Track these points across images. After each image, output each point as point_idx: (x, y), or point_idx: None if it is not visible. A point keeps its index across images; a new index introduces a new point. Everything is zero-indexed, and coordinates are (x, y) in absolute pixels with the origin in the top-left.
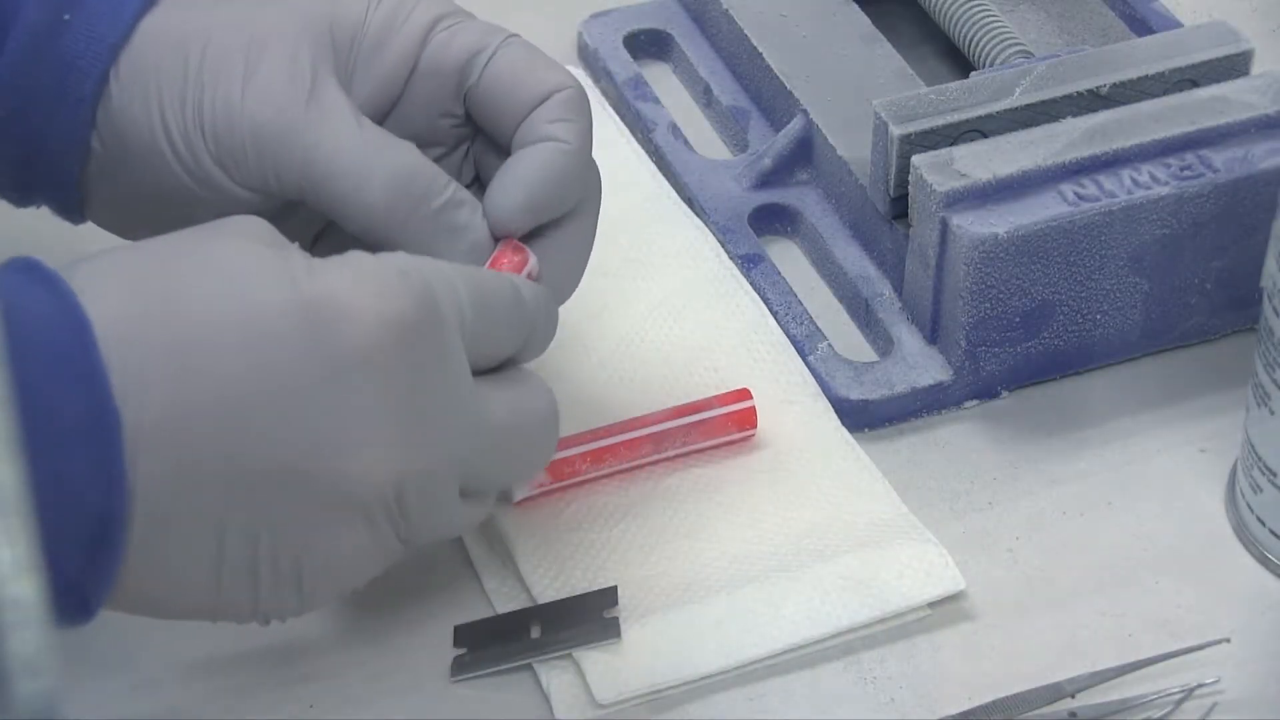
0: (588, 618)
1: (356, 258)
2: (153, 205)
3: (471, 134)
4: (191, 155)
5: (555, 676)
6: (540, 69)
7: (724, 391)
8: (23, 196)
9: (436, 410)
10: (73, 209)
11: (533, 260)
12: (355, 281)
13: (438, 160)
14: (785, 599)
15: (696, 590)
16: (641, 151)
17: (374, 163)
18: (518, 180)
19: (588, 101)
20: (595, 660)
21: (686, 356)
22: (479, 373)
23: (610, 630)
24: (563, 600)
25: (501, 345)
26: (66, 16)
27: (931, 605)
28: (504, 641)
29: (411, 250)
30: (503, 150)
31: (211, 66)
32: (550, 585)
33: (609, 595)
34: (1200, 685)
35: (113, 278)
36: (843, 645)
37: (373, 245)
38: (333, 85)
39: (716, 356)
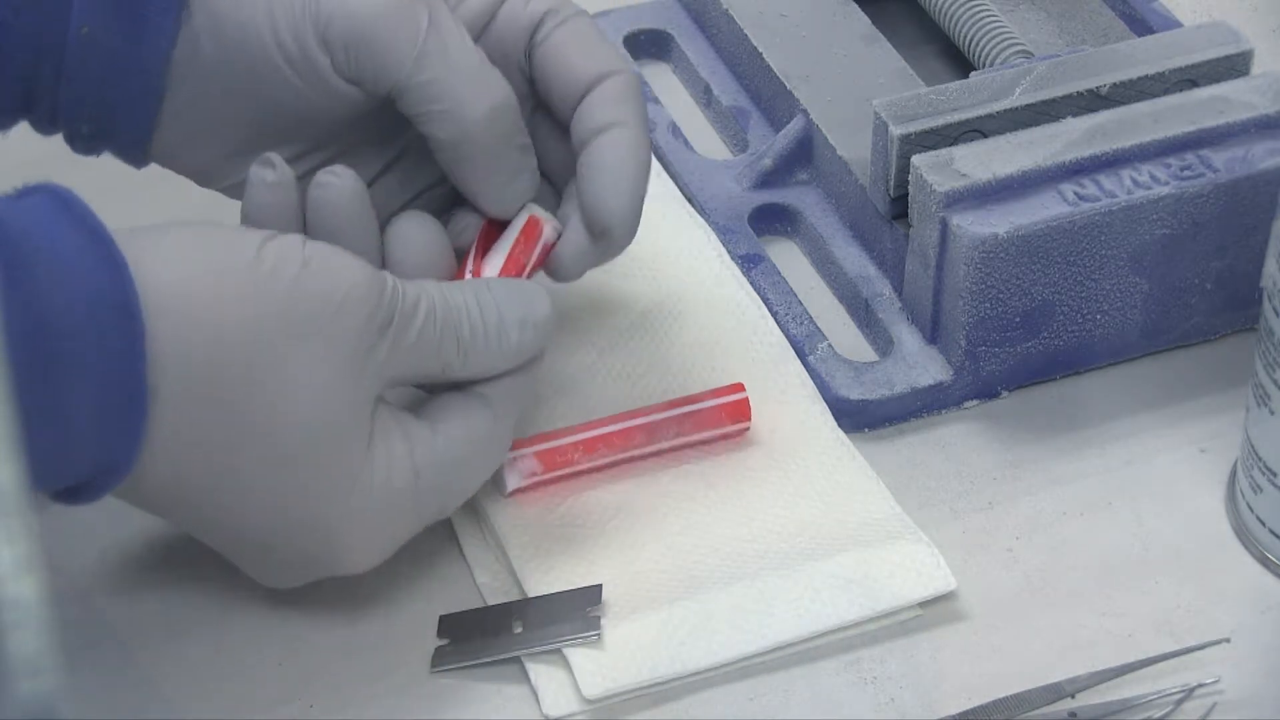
0: (570, 614)
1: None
2: (239, 110)
3: (533, 102)
4: (297, 44)
5: (542, 671)
6: (601, 49)
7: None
8: (93, 138)
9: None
10: (141, 145)
11: (552, 227)
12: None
13: None
14: (776, 597)
15: (687, 587)
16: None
17: (482, 86)
18: (619, 191)
19: (639, 86)
20: (583, 655)
21: (684, 355)
22: None
23: (591, 627)
24: (546, 596)
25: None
26: None
27: (923, 605)
28: (486, 635)
29: (478, 177)
30: (559, 120)
31: None
32: (542, 580)
33: (593, 593)
34: (1200, 685)
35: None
36: (842, 644)
37: (448, 161)
38: (446, 9)
39: (714, 356)
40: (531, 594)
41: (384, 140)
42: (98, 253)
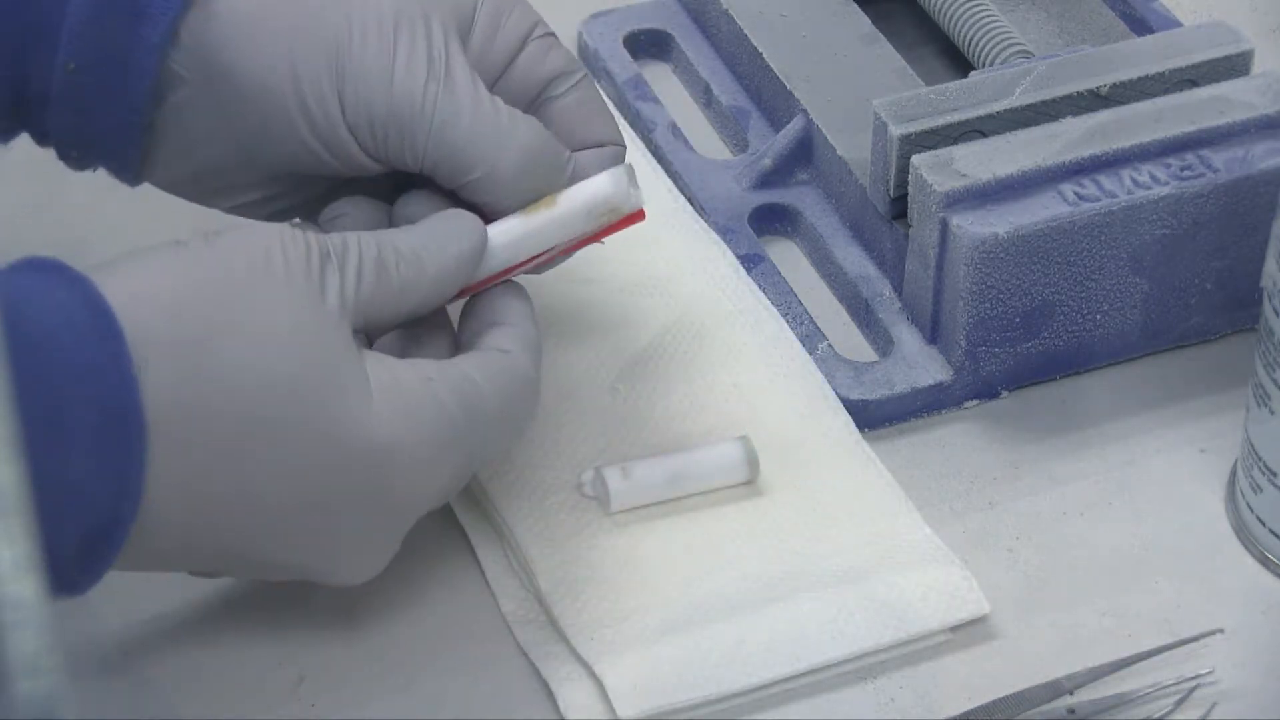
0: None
1: (408, 389)
2: (246, 157)
3: None
4: (327, 121)
5: (570, 689)
6: (603, 118)
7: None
8: (84, 155)
9: None
10: (131, 170)
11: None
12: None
13: None
14: (809, 619)
15: (718, 608)
16: (658, 166)
17: (508, 137)
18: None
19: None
20: (616, 676)
21: (706, 372)
22: None
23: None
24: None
25: None
26: None
27: (953, 629)
28: None
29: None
30: None
31: (357, 37)
32: (570, 608)
33: None
34: (1197, 677)
35: (152, 307)
36: None
37: (498, 208)
38: (464, 63)
39: (736, 372)
40: (561, 622)
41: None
42: (67, 280)
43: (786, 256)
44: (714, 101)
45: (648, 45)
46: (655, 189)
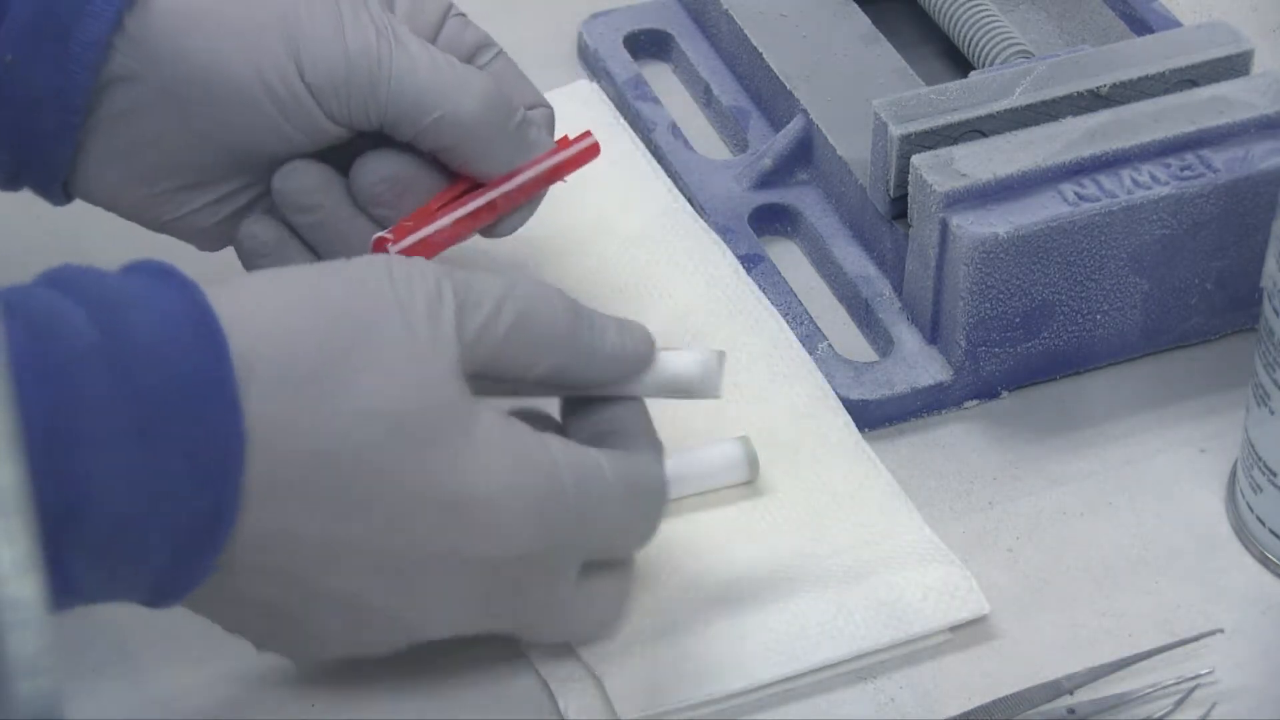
0: None
1: (519, 452)
2: (195, 146)
3: None
4: (288, 91)
5: (571, 689)
6: (526, 84)
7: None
8: (14, 163)
9: (540, 605)
10: (59, 177)
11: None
12: (512, 492)
13: None
14: (808, 619)
15: (719, 609)
16: (657, 166)
17: (465, 82)
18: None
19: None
20: (616, 676)
21: None
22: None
23: None
24: None
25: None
26: None
27: (953, 629)
28: None
29: (488, 160)
30: None
31: (304, 9)
32: None
33: None
34: (1197, 677)
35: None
36: None
37: (459, 161)
38: (405, 27)
39: (737, 373)
40: None
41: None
42: (183, 301)
43: (786, 256)
44: (714, 101)
45: (648, 45)
46: (654, 189)
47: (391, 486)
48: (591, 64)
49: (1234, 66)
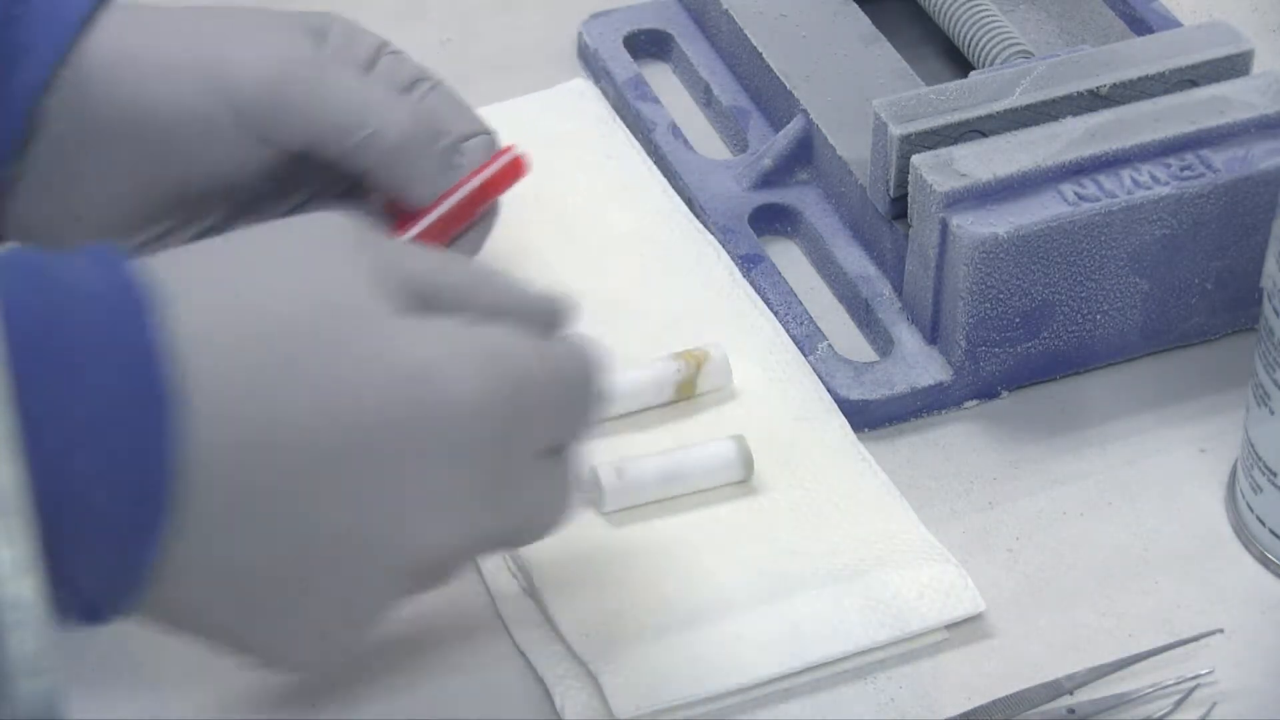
0: None
1: (451, 329)
2: (135, 177)
3: None
4: (218, 118)
5: (568, 689)
6: (467, 113)
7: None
8: None
9: (508, 492)
10: None
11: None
12: (453, 358)
13: None
14: (804, 617)
15: (714, 607)
16: (652, 165)
17: (393, 103)
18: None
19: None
20: (613, 675)
21: None
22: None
23: None
24: None
25: (563, 431)
26: (17, 11)
27: (949, 627)
28: None
29: (416, 182)
30: None
31: (235, 39)
32: (566, 606)
33: None
34: (1197, 677)
35: (193, 283)
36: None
37: (387, 183)
38: (329, 52)
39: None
40: (555, 619)
41: (285, 194)
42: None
43: (786, 256)
44: (714, 101)
45: (648, 45)
46: (650, 189)
47: (329, 364)
48: (591, 64)
49: (1234, 66)
